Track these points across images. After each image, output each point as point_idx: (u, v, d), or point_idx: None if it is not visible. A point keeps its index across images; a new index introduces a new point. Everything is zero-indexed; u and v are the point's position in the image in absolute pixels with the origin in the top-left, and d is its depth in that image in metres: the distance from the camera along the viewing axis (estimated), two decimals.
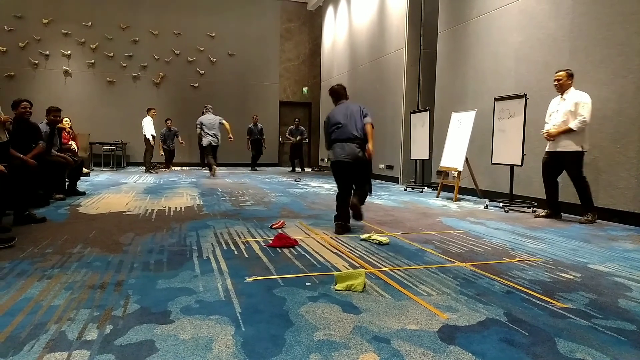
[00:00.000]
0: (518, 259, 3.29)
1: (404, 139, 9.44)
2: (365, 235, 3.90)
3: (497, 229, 4.49)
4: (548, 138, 5.14)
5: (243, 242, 3.71)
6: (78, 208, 5.37)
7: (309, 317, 2.11)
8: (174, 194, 6.90)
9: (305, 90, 16.01)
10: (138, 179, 9.42)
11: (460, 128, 6.99)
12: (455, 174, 6.90)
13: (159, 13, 13.95)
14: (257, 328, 1.97)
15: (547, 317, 2.17)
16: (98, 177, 9.84)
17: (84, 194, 6.59)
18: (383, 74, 10.45)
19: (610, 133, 5.08)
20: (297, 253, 3.36)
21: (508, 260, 3.26)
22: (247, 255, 3.26)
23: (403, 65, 9.51)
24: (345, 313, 2.17)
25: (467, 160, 6.73)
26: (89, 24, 13.34)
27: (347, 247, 3.61)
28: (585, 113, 4.83)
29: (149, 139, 11.21)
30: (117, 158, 12.94)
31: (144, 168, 11.59)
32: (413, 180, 9.16)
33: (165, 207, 5.59)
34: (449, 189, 7.47)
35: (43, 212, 4.84)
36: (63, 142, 7.02)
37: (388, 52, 10.21)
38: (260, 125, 13.33)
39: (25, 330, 1.90)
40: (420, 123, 8.12)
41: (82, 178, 7.78)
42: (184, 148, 13.39)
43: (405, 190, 8.18)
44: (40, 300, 2.26)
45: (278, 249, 3.46)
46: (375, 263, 3.12)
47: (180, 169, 12.98)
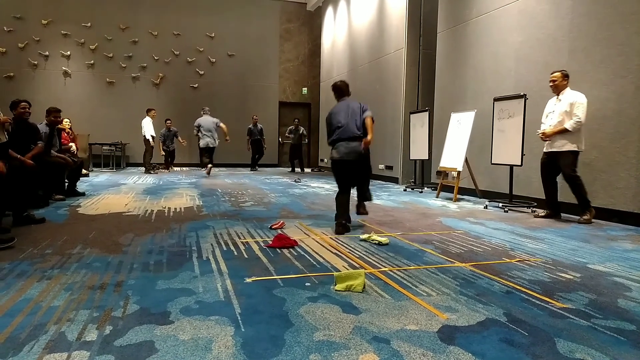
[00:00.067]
0: (518, 259, 3.29)
1: (404, 140, 9.44)
2: (365, 236, 3.90)
3: (496, 229, 4.50)
4: (543, 138, 5.17)
5: (243, 242, 3.71)
6: (78, 209, 5.36)
7: (309, 317, 2.11)
8: (174, 195, 6.90)
9: (305, 91, 16.01)
10: (137, 180, 9.42)
11: (460, 128, 6.99)
12: (455, 174, 6.90)
13: (159, 14, 13.95)
14: (256, 328, 1.97)
15: (546, 317, 2.17)
16: (98, 177, 9.84)
17: (84, 195, 6.59)
18: (382, 75, 10.45)
19: (610, 133, 5.08)
20: (296, 253, 3.36)
21: (508, 261, 3.26)
22: (246, 256, 3.26)
23: (402, 66, 9.51)
24: (345, 313, 2.17)
25: (466, 161, 6.73)
26: (89, 25, 13.34)
27: (346, 247, 3.61)
28: (580, 113, 4.84)
29: (149, 140, 11.21)
30: (116, 159, 12.95)
31: (144, 169, 11.60)
32: (413, 181, 9.16)
33: (165, 207, 5.59)
34: (449, 189, 7.47)
35: (43, 212, 4.83)
36: (63, 143, 7.02)
37: (387, 52, 10.22)
38: (260, 126, 13.30)
39: (25, 331, 1.90)
40: (420, 123, 8.13)
41: (81, 179, 7.77)
42: (184, 149, 13.40)
43: (405, 191, 8.19)
44: (40, 301, 2.26)
45: (278, 250, 3.46)
46: (375, 263, 3.12)
47: (180, 170, 12.98)
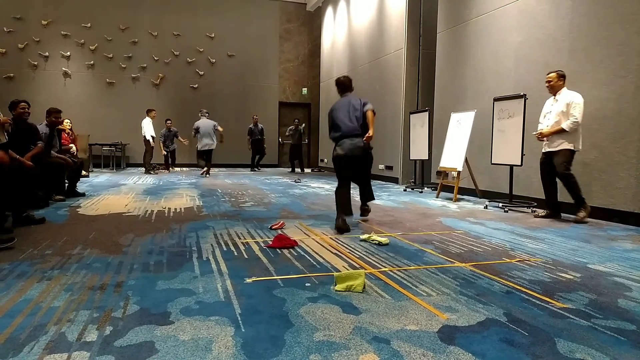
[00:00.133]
0: (518, 259, 3.29)
1: (404, 140, 9.44)
2: (365, 236, 3.90)
3: (496, 229, 4.50)
4: (539, 138, 5.19)
5: (243, 243, 3.71)
6: (78, 209, 5.36)
7: (309, 317, 2.11)
8: (174, 195, 6.90)
9: (305, 91, 16.01)
10: (138, 180, 9.42)
11: (460, 128, 6.99)
12: (455, 174, 6.90)
13: (158, 14, 13.95)
14: (256, 329, 1.97)
15: (546, 317, 2.17)
16: (98, 178, 9.84)
17: (84, 195, 6.59)
18: (382, 75, 10.45)
19: (610, 133, 5.08)
20: (296, 254, 3.36)
21: (508, 261, 3.26)
22: (246, 256, 3.26)
23: (402, 66, 9.51)
24: (345, 314, 2.17)
25: (466, 161, 6.73)
26: (88, 25, 13.34)
27: (346, 247, 3.61)
28: (577, 114, 4.85)
29: (149, 140, 11.21)
30: (116, 159, 12.95)
31: (144, 169, 11.60)
32: (413, 181, 9.16)
33: (165, 208, 5.59)
34: (449, 189, 7.47)
35: (43, 213, 4.83)
36: (63, 143, 7.02)
37: (387, 52, 10.22)
38: (261, 126, 13.27)
39: (25, 332, 1.90)
40: (420, 123, 8.13)
41: (81, 179, 7.77)
42: (184, 149, 13.40)
43: (405, 191, 8.18)
44: (40, 302, 2.26)
45: (278, 250, 3.46)
46: (375, 263, 3.12)
47: (180, 170, 12.98)
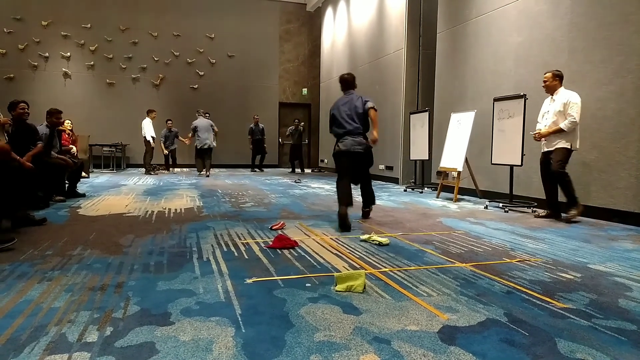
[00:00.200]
0: (518, 259, 3.29)
1: (404, 140, 9.44)
2: (365, 236, 3.90)
3: (497, 229, 4.50)
4: (537, 138, 5.20)
5: (243, 243, 3.71)
6: (78, 210, 5.37)
7: (309, 318, 2.11)
8: (174, 196, 6.90)
9: (305, 91, 16.01)
10: (138, 181, 9.43)
11: (460, 128, 6.99)
12: (455, 175, 6.90)
13: (158, 14, 13.96)
14: (257, 329, 1.97)
15: (547, 317, 2.17)
16: (98, 178, 9.84)
17: (84, 196, 6.59)
18: (382, 75, 10.46)
19: (610, 133, 5.08)
20: (297, 254, 3.36)
21: (508, 261, 3.25)
22: (247, 257, 3.26)
23: (402, 66, 9.51)
24: (346, 314, 2.17)
25: (466, 161, 6.73)
26: (88, 26, 13.35)
27: (347, 248, 3.61)
28: (574, 113, 4.87)
29: (149, 141, 11.21)
30: (116, 160, 12.96)
31: (144, 170, 11.60)
32: (413, 181, 9.16)
33: (165, 208, 5.59)
34: (449, 190, 7.47)
35: (43, 214, 4.83)
36: (63, 144, 7.02)
37: (387, 52, 10.22)
38: (262, 125, 13.25)
39: (26, 333, 1.90)
40: (420, 124, 8.13)
41: (81, 180, 7.77)
42: (184, 150, 13.40)
43: (405, 191, 8.18)
44: (41, 303, 2.26)
45: (278, 250, 3.46)
46: (375, 264, 3.12)
47: (180, 171, 12.98)
